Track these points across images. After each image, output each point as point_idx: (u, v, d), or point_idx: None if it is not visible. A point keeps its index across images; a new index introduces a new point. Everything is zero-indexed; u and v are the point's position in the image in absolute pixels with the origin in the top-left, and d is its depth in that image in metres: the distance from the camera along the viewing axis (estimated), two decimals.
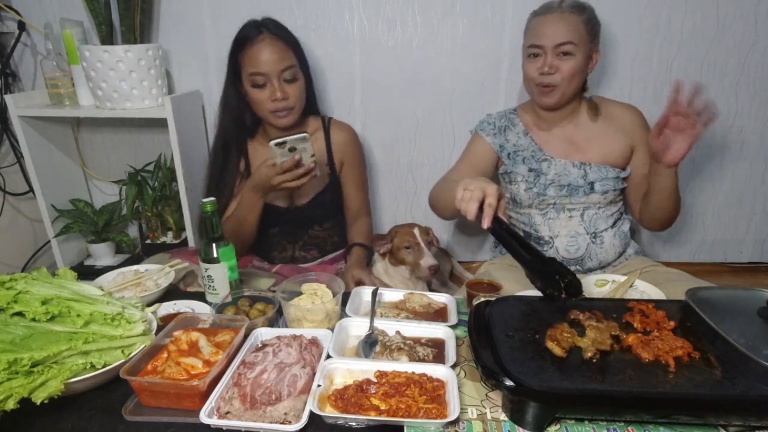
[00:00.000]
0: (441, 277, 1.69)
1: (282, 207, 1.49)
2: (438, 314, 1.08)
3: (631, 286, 1.15)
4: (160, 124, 1.60)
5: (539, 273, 0.95)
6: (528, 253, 0.99)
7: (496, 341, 0.83)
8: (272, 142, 1.17)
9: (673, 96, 1.09)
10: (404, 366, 0.85)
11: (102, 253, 1.82)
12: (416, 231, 1.41)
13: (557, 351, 0.80)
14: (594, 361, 0.79)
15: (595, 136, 1.37)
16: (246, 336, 0.94)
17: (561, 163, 1.35)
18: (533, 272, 0.96)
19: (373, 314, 1.01)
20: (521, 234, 1.42)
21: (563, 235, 1.37)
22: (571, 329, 0.85)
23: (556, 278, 0.92)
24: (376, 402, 0.78)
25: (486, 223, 1.00)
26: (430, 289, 1.56)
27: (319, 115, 1.53)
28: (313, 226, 1.55)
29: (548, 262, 0.97)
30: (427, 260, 1.36)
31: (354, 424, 0.76)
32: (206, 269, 1.08)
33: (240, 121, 1.45)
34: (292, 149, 1.19)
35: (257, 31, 1.34)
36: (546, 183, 1.35)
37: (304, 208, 1.50)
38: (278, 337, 0.92)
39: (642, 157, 1.37)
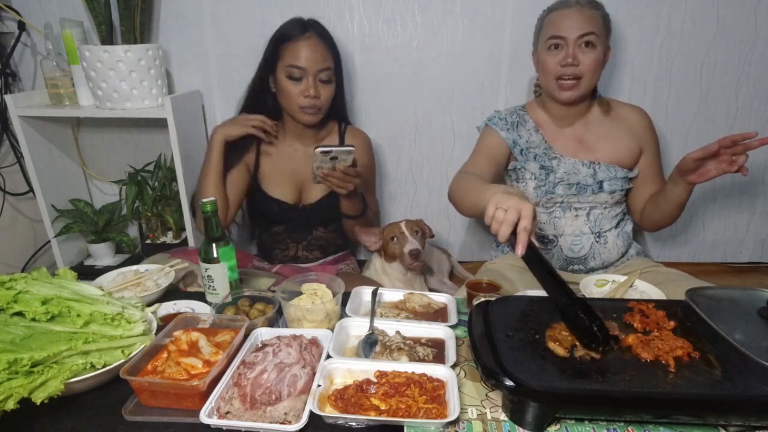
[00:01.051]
0: (441, 277, 1.69)
1: (289, 203, 1.50)
2: (438, 314, 1.08)
3: (631, 286, 1.15)
4: (160, 124, 1.60)
5: (576, 322, 0.83)
6: (559, 287, 0.88)
7: (496, 341, 0.83)
8: (318, 150, 1.20)
9: (738, 136, 1.08)
10: (404, 366, 0.85)
11: (102, 253, 1.82)
12: (403, 224, 1.41)
13: (560, 351, 0.80)
14: (586, 360, 0.79)
15: (605, 135, 1.36)
16: (246, 336, 0.94)
17: (570, 161, 1.35)
18: (570, 320, 0.85)
19: (373, 314, 1.01)
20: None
21: (568, 234, 1.36)
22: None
23: (594, 329, 0.81)
24: (376, 402, 0.78)
25: (520, 251, 0.87)
26: (430, 289, 1.57)
27: (336, 120, 1.54)
28: (317, 227, 1.56)
29: (576, 302, 0.86)
30: (408, 246, 1.36)
31: (354, 424, 0.76)
32: (206, 269, 1.08)
33: (261, 104, 1.48)
34: (334, 158, 1.22)
35: (303, 28, 1.38)
36: (555, 181, 1.35)
37: (310, 208, 1.51)
38: (278, 337, 0.92)
39: (648, 159, 1.37)
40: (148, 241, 1.83)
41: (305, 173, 1.50)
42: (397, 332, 0.96)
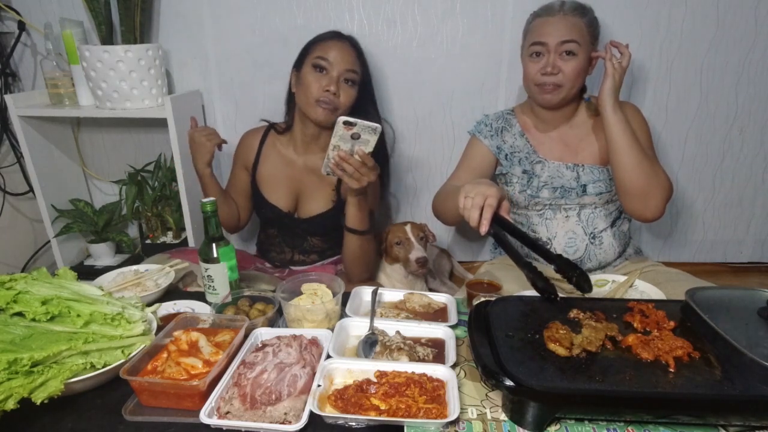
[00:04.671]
0: (441, 277, 1.70)
1: (283, 211, 1.48)
2: (438, 314, 1.08)
3: (631, 286, 1.15)
4: (160, 124, 1.60)
5: (536, 274, 0.95)
6: (535, 251, 1.01)
7: (496, 341, 0.83)
8: (341, 118, 1.07)
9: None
10: (404, 366, 0.85)
11: (102, 253, 1.82)
12: (408, 227, 1.41)
13: (561, 351, 0.80)
14: (582, 359, 0.79)
15: (589, 136, 1.36)
16: (246, 336, 0.94)
17: (554, 165, 1.35)
18: (531, 273, 0.96)
19: (373, 314, 1.01)
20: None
21: (561, 235, 1.36)
22: (564, 326, 0.85)
23: (549, 281, 0.93)
24: (376, 402, 0.78)
25: (483, 229, 0.99)
26: (430, 289, 1.56)
27: None
28: (313, 237, 1.53)
29: (555, 259, 0.98)
30: (415, 253, 1.36)
31: (354, 424, 0.76)
32: (206, 269, 1.08)
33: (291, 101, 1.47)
34: (356, 137, 1.09)
35: (341, 35, 1.39)
36: (539, 185, 1.35)
37: (303, 222, 1.49)
38: (278, 337, 0.92)
39: None
40: (148, 241, 1.83)
41: (304, 183, 1.48)
42: (397, 332, 0.96)
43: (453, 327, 0.99)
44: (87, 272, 1.73)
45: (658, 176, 1.23)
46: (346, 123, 1.08)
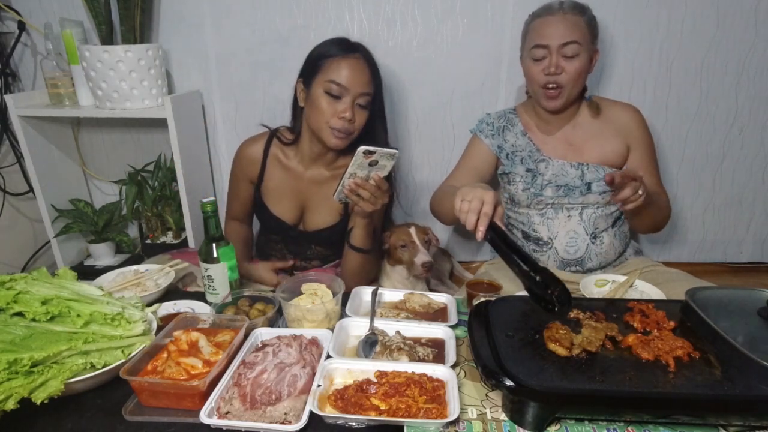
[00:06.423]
0: (441, 277, 1.69)
1: (288, 223, 1.45)
2: (438, 314, 1.08)
3: (631, 286, 1.15)
4: (160, 124, 1.60)
5: (536, 285, 0.90)
6: (523, 262, 0.96)
7: (496, 341, 0.83)
8: (362, 148, 1.05)
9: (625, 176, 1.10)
10: (404, 366, 0.85)
11: (102, 253, 1.82)
12: (412, 230, 1.41)
13: (561, 351, 0.80)
14: (582, 359, 0.79)
15: (594, 136, 1.36)
16: (246, 336, 0.94)
17: (558, 163, 1.35)
18: (531, 284, 0.91)
19: (373, 314, 1.01)
20: (518, 237, 1.42)
21: (562, 235, 1.36)
22: (564, 326, 0.85)
23: (549, 292, 0.88)
24: (376, 402, 0.78)
25: (479, 236, 0.97)
26: (430, 289, 1.56)
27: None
28: (317, 246, 1.51)
29: (540, 271, 0.92)
30: (421, 257, 1.36)
31: (354, 424, 0.77)
32: (206, 269, 1.08)
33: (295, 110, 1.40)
34: (373, 163, 1.09)
35: (351, 48, 1.29)
36: (543, 183, 1.35)
37: (308, 234, 1.47)
38: (278, 337, 0.92)
39: (636, 158, 1.36)
40: (148, 241, 1.83)
41: (310, 196, 1.43)
42: (397, 332, 0.96)
43: (453, 327, 0.99)
44: (87, 272, 1.73)
45: (665, 213, 1.36)
46: (366, 152, 1.06)
